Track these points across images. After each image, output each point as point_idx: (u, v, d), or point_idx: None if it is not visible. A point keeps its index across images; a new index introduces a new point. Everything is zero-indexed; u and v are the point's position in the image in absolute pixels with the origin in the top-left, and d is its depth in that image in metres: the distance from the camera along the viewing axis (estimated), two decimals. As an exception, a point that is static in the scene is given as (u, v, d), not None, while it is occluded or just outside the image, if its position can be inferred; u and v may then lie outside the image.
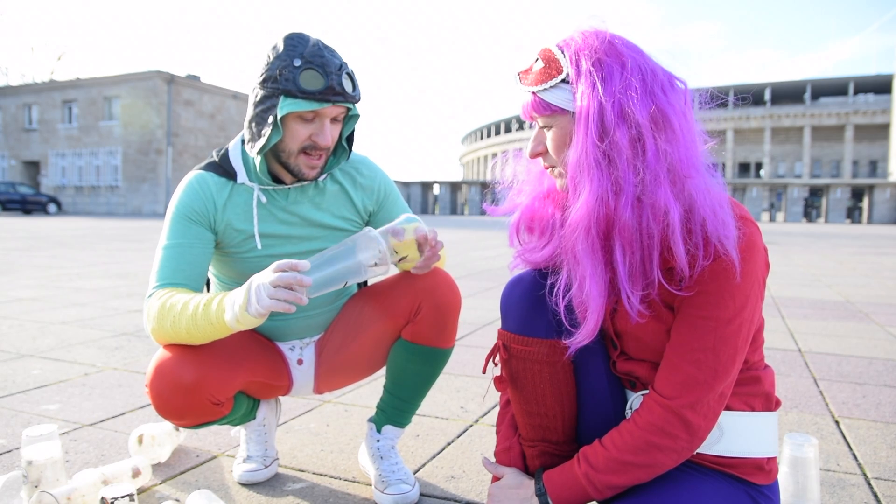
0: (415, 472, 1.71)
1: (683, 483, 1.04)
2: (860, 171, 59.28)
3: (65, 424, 2.05)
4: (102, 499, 1.30)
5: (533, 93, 1.03)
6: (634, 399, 1.13)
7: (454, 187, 44.65)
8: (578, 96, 0.97)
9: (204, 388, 1.36)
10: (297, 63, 1.33)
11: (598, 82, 0.96)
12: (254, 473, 1.63)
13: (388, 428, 1.63)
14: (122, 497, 1.30)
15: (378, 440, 1.63)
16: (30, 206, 28.01)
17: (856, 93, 60.18)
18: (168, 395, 1.35)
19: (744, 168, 62.06)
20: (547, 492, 1.08)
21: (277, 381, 1.59)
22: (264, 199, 1.50)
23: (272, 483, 1.64)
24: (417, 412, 1.87)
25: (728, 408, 1.07)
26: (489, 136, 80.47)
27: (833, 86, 60.70)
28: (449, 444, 1.93)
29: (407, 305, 1.52)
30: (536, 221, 1.17)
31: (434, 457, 1.83)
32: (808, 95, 60.04)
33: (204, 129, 32.24)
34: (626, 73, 0.96)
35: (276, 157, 1.46)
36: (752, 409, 1.09)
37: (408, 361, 1.56)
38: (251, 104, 1.41)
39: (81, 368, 2.76)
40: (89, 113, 32.34)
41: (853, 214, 40.90)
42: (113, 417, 2.13)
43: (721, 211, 0.97)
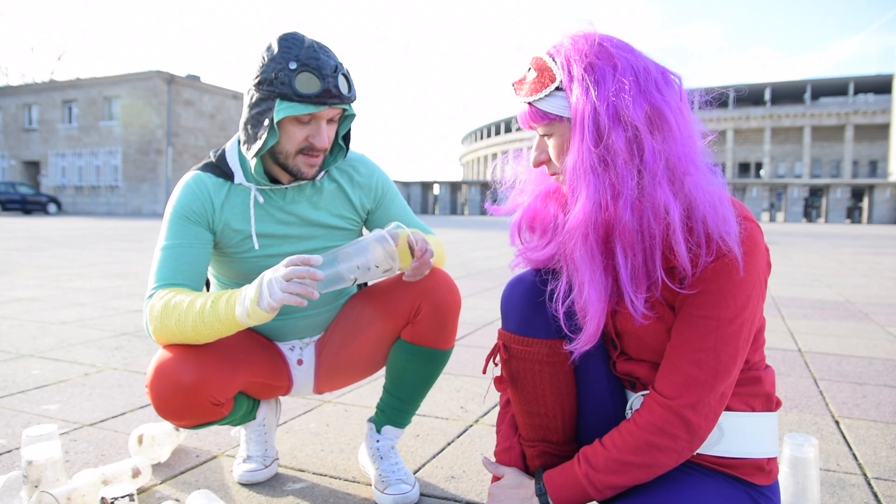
0: (415, 472, 1.71)
1: (684, 483, 1.04)
2: (860, 171, 59.28)
3: (65, 424, 2.05)
4: (102, 499, 1.30)
5: (529, 103, 1.03)
6: (635, 399, 1.13)
7: (454, 187, 44.63)
8: (573, 103, 0.97)
9: (204, 388, 1.36)
10: (293, 66, 1.33)
11: (591, 87, 0.96)
12: (254, 473, 1.63)
13: (387, 428, 1.63)
14: (122, 497, 1.30)
15: (378, 440, 1.63)
16: (30, 206, 28.00)
17: (856, 93, 60.17)
18: (168, 396, 1.35)
19: (744, 168, 62.06)
20: (547, 492, 1.08)
21: (277, 382, 1.59)
22: (262, 200, 1.50)
23: (272, 483, 1.64)
24: (417, 412, 1.87)
25: (728, 408, 1.07)
26: (489, 136, 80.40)
27: (833, 86, 60.69)
28: (449, 444, 1.93)
29: (407, 306, 1.52)
30: (538, 221, 1.17)
31: (434, 457, 1.83)
32: (808, 95, 60.03)
33: (204, 129, 32.21)
34: (618, 74, 0.96)
35: (274, 159, 1.46)
36: (753, 410, 1.09)
37: (407, 362, 1.56)
38: (246, 106, 1.41)
39: (81, 368, 2.76)
40: (89, 113, 32.31)
41: (853, 214, 40.86)
42: (113, 417, 2.13)
43: (721, 207, 0.96)
